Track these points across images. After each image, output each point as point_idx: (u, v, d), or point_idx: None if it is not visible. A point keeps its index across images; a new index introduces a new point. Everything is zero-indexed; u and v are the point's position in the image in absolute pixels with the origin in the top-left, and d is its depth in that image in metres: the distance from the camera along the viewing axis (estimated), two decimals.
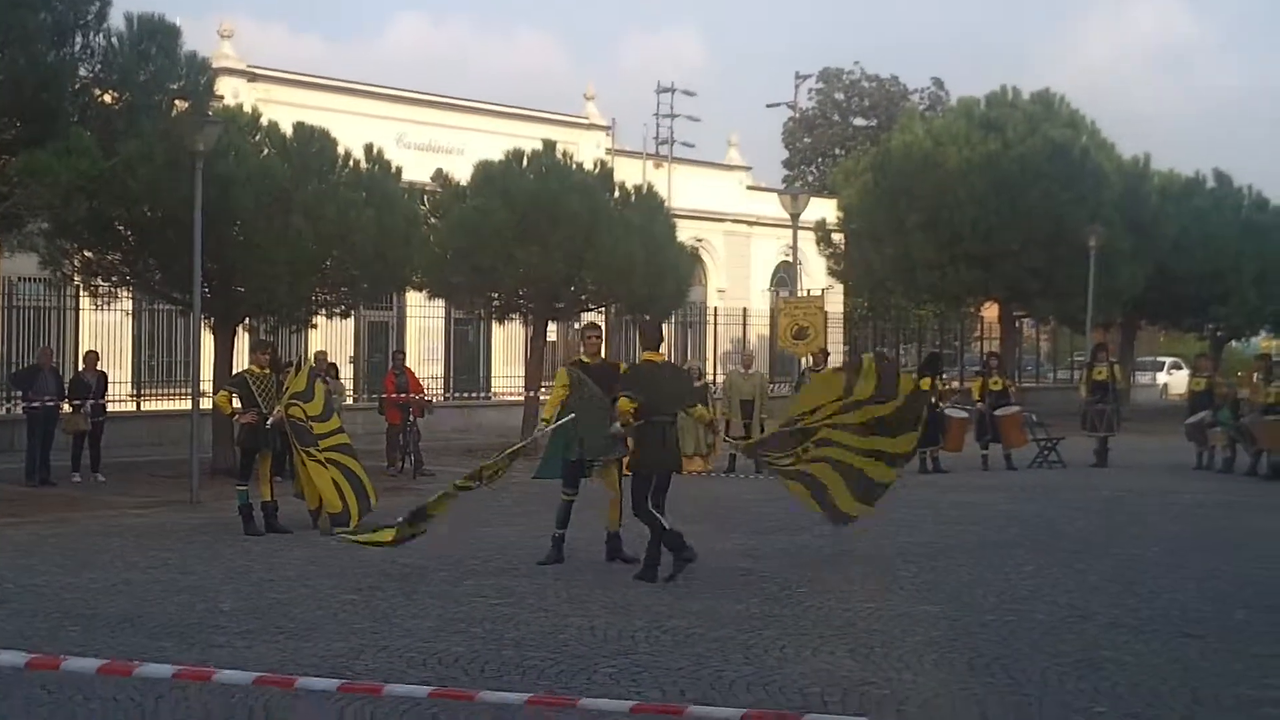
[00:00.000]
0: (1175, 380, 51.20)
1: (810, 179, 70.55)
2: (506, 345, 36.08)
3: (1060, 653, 9.48)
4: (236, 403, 16.10)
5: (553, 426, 12.97)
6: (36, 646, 8.89)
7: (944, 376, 25.00)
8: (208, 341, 22.15)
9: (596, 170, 27.68)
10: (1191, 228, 39.81)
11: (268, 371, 16.04)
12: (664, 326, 14.79)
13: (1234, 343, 48.88)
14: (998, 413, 23.85)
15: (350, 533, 13.63)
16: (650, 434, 12.29)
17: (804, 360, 22.35)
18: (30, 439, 20.51)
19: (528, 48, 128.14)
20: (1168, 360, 56.58)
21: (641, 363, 12.95)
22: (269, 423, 15.44)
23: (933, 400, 23.25)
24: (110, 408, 22.28)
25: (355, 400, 30.46)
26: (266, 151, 21.96)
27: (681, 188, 44.16)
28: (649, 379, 12.50)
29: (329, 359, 23.68)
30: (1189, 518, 17.39)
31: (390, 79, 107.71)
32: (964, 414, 23.93)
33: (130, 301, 26.13)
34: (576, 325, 36.71)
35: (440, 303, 30.82)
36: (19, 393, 22.20)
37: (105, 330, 26.68)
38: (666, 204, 30.77)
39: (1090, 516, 17.25)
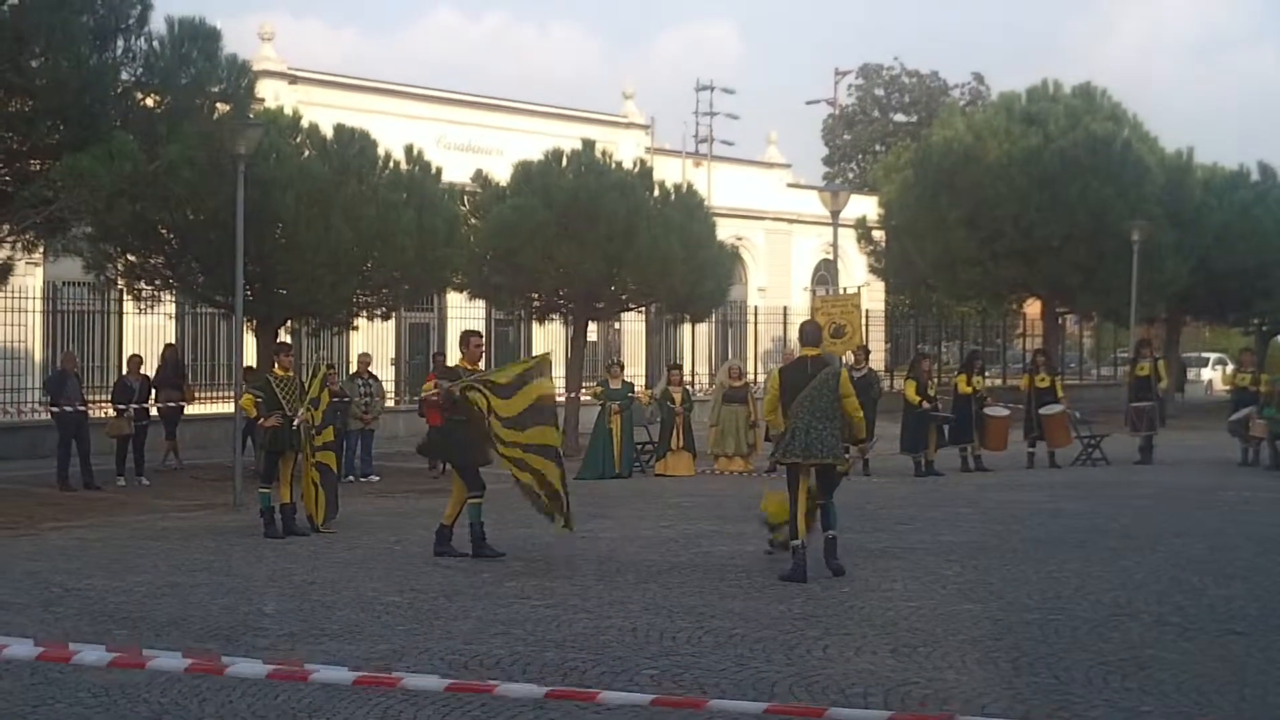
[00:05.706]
0: (1220, 376, 50.85)
1: (850, 176, 70.44)
2: (547, 346, 36.14)
3: (1105, 651, 9.43)
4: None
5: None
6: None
7: (983, 374, 24.79)
8: (250, 344, 22.27)
9: (636, 169, 27.68)
10: (1235, 221, 39.39)
11: (291, 374, 16.09)
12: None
13: (1279, 337, 48.45)
14: (1043, 411, 23.63)
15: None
16: None
17: (844, 359, 22.19)
18: (61, 445, 20.32)
19: (562, 41, 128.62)
20: (1212, 356, 56.16)
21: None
22: (295, 424, 15.50)
23: (972, 398, 23.20)
24: (152, 412, 22.32)
25: (396, 403, 30.53)
26: (307, 154, 22.08)
27: (721, 186, 44.14)
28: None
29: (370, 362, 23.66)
30: (1234, 515, 17.23)
31: (426, 75, 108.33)
32: (1005, 412, 23.71)
33: (173, 305, 26.26)
34: (616, 325, 36.82)
35: (481, 304, 30.89)
36: (48, 399, 22.23)
37: (148, 334, 26.85)
38: (706, 202, 30.69)
39: (1134, 514, 17.11)
